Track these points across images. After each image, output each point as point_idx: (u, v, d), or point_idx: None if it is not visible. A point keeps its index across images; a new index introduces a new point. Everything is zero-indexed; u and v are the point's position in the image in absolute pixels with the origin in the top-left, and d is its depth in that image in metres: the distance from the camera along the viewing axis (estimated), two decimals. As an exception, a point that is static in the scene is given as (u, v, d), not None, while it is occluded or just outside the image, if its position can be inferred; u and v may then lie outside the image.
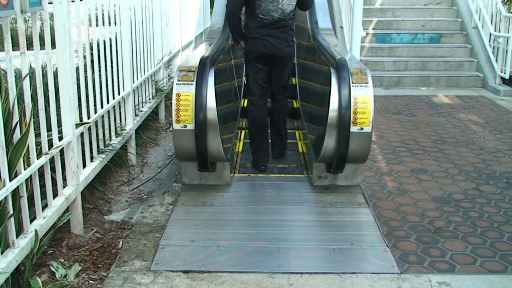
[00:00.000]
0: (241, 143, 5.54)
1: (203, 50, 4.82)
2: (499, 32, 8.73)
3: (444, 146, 5.57)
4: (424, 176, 4.71)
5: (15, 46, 2.78)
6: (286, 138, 5.16)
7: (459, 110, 7.18)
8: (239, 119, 5.79)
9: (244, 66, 5.55)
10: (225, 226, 3.69)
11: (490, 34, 9.02)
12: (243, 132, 5.81)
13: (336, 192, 4.28)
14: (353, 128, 3.88)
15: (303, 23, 6.31)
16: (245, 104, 6.02)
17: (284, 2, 4.45)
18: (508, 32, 8.52)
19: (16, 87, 2.79)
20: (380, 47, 9.45)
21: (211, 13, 9.41)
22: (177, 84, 3.94)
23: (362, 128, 3.88)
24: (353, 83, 3.92)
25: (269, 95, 4.86)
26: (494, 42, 8.99)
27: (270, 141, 5.03)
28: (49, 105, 3.22)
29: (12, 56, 2.64)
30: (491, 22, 9.06)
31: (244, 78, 6.33)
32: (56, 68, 3.37)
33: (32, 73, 3.30)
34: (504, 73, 8.52)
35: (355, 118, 3.87)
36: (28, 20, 3.18)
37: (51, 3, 3.20)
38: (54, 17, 3.26)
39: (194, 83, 3.91)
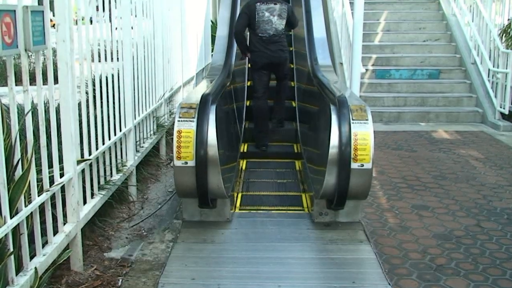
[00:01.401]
0: (243, 173, 5.55)
1: (204, 87, 4.87)
2: (498, 67, 8.81)
3: (444, 182, 5.57)
4: (425, 212, 4.70)
5: (18, 81, 2.82)
6: (284, 108, 6.70)
7: (459, 146, 7.20)
8: (239, 160, 5.80)
9: (250, 71, 6.75)
10: (225, 264, 3.67)
11: (489, 69, 9.10)
12: (244, 163, 5.82)
13: (337, 229, 4.26)
14: (354, 165, 3.89)
15: (304, 66, 6.38)
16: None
17: (277, 23, 6.02)
18: (506, 68, 8.60)
19: (19, 123, 2.81)
20: (380, 83, 9.53)
21: (212, 49, 9.51)
22: (178, 121, 3.97)
23: (362, 165, 3.88)
24: (353, 120, 3.94)
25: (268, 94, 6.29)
26: (493, 78, 9.07)
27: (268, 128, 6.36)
28: (50, 142, 3.24)
29: (15, 91, 2.67)
30: (490, 58, 9.16)
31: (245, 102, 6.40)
32: (58, 104, 3.40)
33: (34, 109, 3.33)
34: (504, 108, 8.57)
35: (355, 154, 3.88)
36: (31, 55, 3.23)
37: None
38: (57, 55, 3.30)
39: (195, 120, 3.94)
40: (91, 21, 4.14)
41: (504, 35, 9.10)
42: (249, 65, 6.88)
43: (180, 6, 7.55)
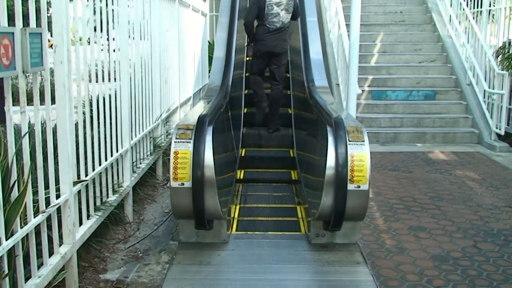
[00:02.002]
0: (239, 198, 5.54)
1: (201, 108, 4.89)
2: (493, 89, 8.85)
3: (441, 203, 5.57)
4: (422, 233, 4.69)
5: (15, 100, 2.83)
6: (278, 115, 7.15)
7: (455, 167, 7.21)
8: (236, 184, 5.79)
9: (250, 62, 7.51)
10: (222, 286, 3.65)
11: (485, 91, 9.13)
12: (240, 187, 5.82)
13: (334, 250, 4.25)
14: (350, 186, 3.89)
15: (301, 87, 6.41)
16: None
17: (283, 16, 6.67)
18: (502, 89, 8.65)
19: (15, 144, 2.81)
20: (376, 104, 9.57)
21: (209, 70, 9.55)
22: (175, 142, 3.97)
23: (359, 186, 3.89)
24: (349, 141, 3.95)
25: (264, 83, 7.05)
26: (488, 99, 9.11)
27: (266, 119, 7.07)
28: (47, 163, 3.24)
29: (12, 112, 2.68)
30: (485, 79, 9.20)
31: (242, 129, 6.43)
32: (55, 124, 3.41)
33: (31, 130, 3.34)
34: (499, 129, 8.59)
35: (352, 176, 3.88)
36: (29, 76, 3.25)
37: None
38: (55, 76, 3.32)
39: (192, 141, 3.94)
40: (88, 42, 4.18)
41: (498, 56, 9.17)
42: (247, 58, 8.06)
43: (178, 28, 7.60)
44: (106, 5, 4.50)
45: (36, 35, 2.88)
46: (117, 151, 4.63)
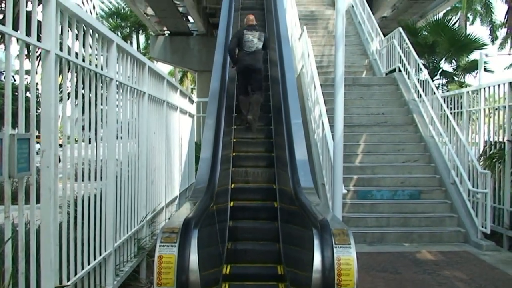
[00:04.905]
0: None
1: (187, 209, 4.87)
2: (477, 187, 8.96)
3: (431, 306, 5.47)
4: None
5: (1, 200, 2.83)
6: (258, 111, 9.28)
7: (443, 267, 7.14)
8: (221, 283, 5.67)
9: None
10: None
11: (469, 189, 9.24)
12: (226, 286, 5.68)
13: None
14: (338, 290, 3.82)
15: (287, 188, 6.44)
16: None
17: (256, 43, 9.25)
18: (485, 188, 8.76)
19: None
20: (362, 203, 9.61)
21: (196, 169, 9.62)
22: (160, 245, 3.92)
23: (346, 290, 3.81)
24: (335, 244, 3.92)
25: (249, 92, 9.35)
26: (473, 197, 9.19)
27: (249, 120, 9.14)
28: (29, 268, 3.17)
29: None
30: (469, 178, 9.34)
31: (227, 243, 6.34)
32: (39, 225, 3.37)
33: (14, 231, 3.29)
34: (485, 228, 8.60)
35: (339, 280, 3.82)
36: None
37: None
38: (41, 180, 3.33)
39: (176, 245, 3.89)
40: (76, 141, 4.22)
41: (482, 157, 9.36)
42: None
43: (165, 128, 7.74)
44: (96, 105, 4.60)
45: (24, 141, 2.92)
46: (100, 254, 4.55)
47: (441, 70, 15.99)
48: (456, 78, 16.34)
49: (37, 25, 3.45)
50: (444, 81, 16.01)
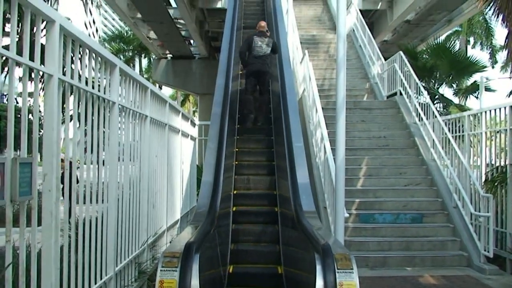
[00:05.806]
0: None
1: (188, 234, 4.85)
2: (479, 211, 8.91)
3: (434, 331, 5.40)
4: None
5: (1, 222, 2.82)
6: (264, 114, 10.49)
7: (446, 292, 7.07)
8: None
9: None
10: None
11: (471, 213, 9.18)
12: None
13: None
14: (341, 316, 3.78)
15: (288, 211, 6.43)
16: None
17: (265, 48, 10.36)
18: (488, 211, 8.71)
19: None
20: (364, 227, 9.54)
21: (197, 194, 9.61)
22: (161, 270, 3.89)
23: (349, 316, 3.78)
24: (338, 269, 3.90)
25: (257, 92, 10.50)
26: (475, 221, 9.13)
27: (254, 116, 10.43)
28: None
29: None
30: (471, 201, 9.29)
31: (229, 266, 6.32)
32: (40, 249, 3.35)
33: (15, 255, 3.27)
34: (488, 252, 8.54)
35: (341, 305, 3.79)
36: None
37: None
38: (43, 203, 3.32)
39: (178, 269, 3.87)
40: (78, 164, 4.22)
41: (485, 181, 9.34)
42: (244, 72, 10.91)
43: (167, 151, 7.75)
44: (98, 128, 4.61)
45: (27, 165, 2.92)
46: (101, 278, 4.52)
47: (437, 95, 16.00)
48: (452, 103, 16.34)
49: (41, 48, 3.47)
50: (441, 105, 16.01)
